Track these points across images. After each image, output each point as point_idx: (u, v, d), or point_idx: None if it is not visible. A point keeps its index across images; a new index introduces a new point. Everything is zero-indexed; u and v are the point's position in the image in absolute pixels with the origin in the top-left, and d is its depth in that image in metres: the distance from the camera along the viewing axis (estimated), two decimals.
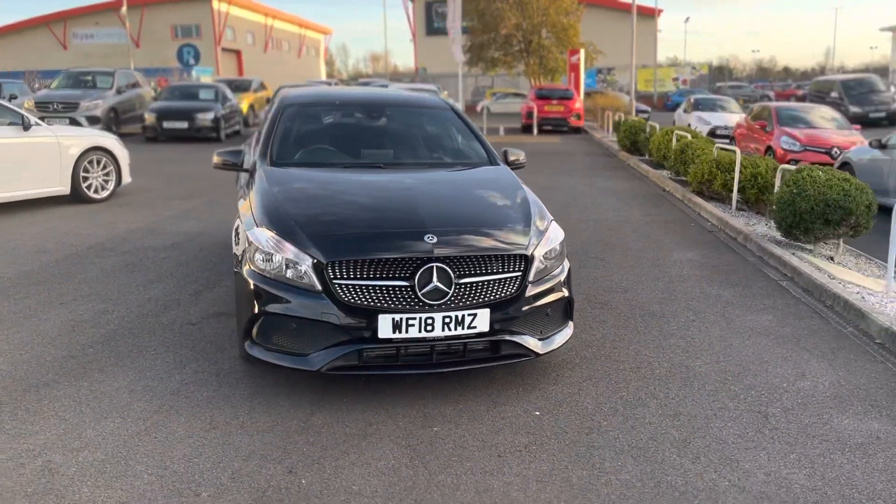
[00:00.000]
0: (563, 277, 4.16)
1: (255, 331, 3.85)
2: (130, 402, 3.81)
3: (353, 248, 3.71)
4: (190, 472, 3.17)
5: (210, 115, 18.80)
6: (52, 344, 4.62)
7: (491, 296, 3.81)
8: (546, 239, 4.11)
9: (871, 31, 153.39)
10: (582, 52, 31.34)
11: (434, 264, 3.67)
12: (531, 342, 3.95)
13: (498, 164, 5.18)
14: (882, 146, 10.51)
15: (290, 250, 3.76)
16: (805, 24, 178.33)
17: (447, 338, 3.73)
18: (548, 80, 35.22)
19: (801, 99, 44.89)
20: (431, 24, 58.90)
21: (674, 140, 13.39)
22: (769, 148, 14.31)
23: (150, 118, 18.65)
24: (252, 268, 3.87)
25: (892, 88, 31.14)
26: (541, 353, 4.01)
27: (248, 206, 4.30)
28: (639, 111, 28.88)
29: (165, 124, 18.43)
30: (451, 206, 4.24)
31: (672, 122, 23.45)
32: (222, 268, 6.46)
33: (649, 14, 50.30)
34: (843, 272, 6.49)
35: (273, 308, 3.75)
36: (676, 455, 3.35)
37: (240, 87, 25.86)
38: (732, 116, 21.47)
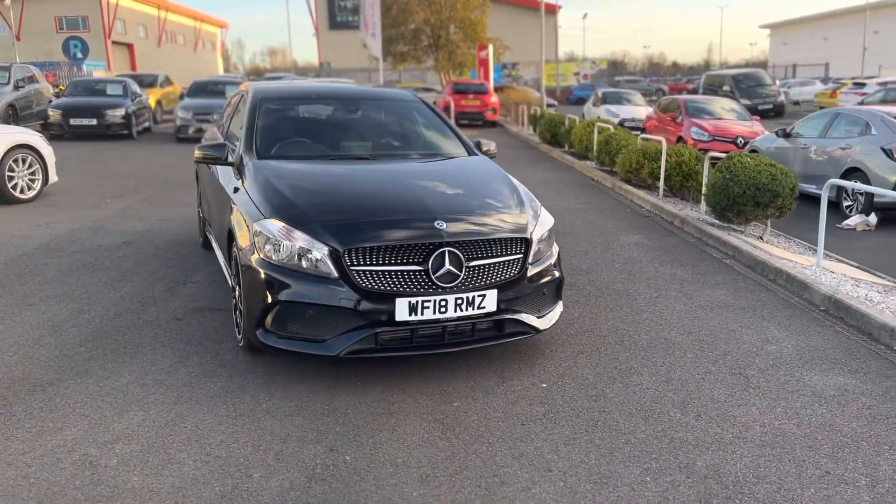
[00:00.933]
0: (554, 259, 4.43)
1: (269, 320, 3.92)
2: (146, 396, 3.81)
3: (369, 236, 3.85)
4: (233, 456, 3.25)
5: (121, 112, 18.10)
6: (38, 344, 4.51)
7: (497, 277, 4.03)
8: (540, 223, 4.37)
9: (751, 29, 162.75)
10: (490, 47, 31.93)
11: (446, 249, 3.86)
12: (532, 320, 4.21)
13: (476, 154, 5.39)
14: (787, 135, 11.40)
15: (303, 239, 3.86)
16: (689, 22, 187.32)
17: (459, 318, 3.93)
18: (456, 74, 35.67)
19: (693, 92, 47.31)
20: (334, 18, 58.46)
21: (595, 132, 14.00)
22: (680, 138, 15.13)
23: (55, 115, 17.78)
24: (263, 258, 3.95)
25: (777, 82, 33.30)
26: (541, 329, 4.27)
27: (247, 199, 4.34)
28: (547, 105, 29.71)
29: (73, 121, 17.61)
30: (452, 194, 4.42)
31: (581, 115, 24.27)
32: (186, 265, 6.40)
33: (550, 10, 51.69)
34: (774, 250, 7.08)
35: (289, 296, 3.83)
36: (680, 414, 3.68)
37: (144, 82, 24.93)
38: (639, 109, 22.51)
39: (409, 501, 2.94)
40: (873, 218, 8.80)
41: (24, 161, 9.37)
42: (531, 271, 4.19)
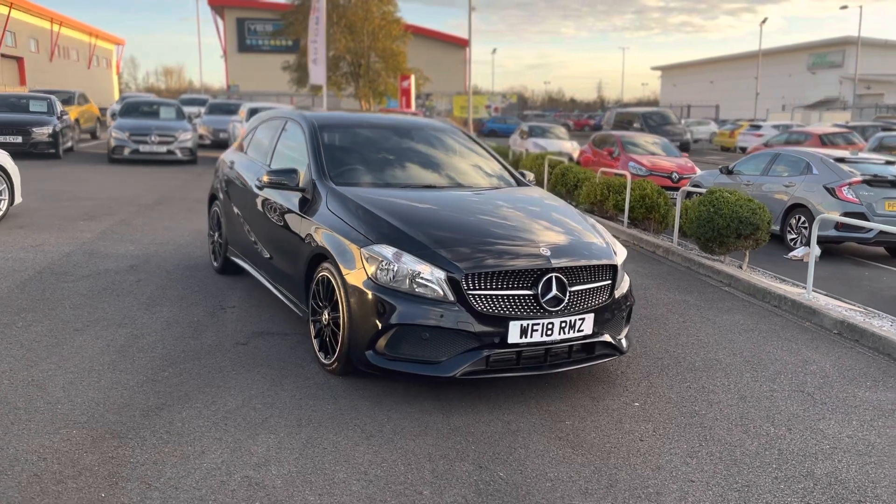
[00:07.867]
0: (628, 285, 4.74)
1: (382, 342, 4.02)
2: (266, 420, 3.81)
3: (486, 262, 4.02)
4: (391, 474, 3.33)
5: (48, 129, 17.29)
6: (116, 369, 4.40)
7: (593, 302, 4.29)
8: (620, 251, 4.67)
9: (643, 70, 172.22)
10: (412, 77, 32.43)
11: (553, 274, 4.10)
12: (618, 342, 4.49)
13: (528, 185, 5.65)
14: (729, 172, 12.32)
15: (420, 264, 3.99)
16: (580, 61, 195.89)
17: (561, 341, 4.15)
18: (377, 102, 35.95)
19: (596, 127, 49.58)
20: (244, 40, 57.67)
21: (546, 165, 14.59)
22: (617, 173, 15.95)
23: None
24: (374, 282, 4.05)
25: (683, 121, 35.38)
26: (624, 351, 4.55)
27: (341, 223, 4.42)
28: None
29: None
30: (543, 223, 4.64)
31: (508, 147, 25.04)
32: (212, 290, 6.31)
33: (461, 44, 53.04)
34: (758, 278, 7.68)
35: (406, 319, 3.95)
36: (773, 428, 4.02)
37: (59, 99, 23.77)
38: (564, 143, 23.50)
39: None
40: (817, 250, 9.64)
41: None
42: (617, 295, 4.48)
